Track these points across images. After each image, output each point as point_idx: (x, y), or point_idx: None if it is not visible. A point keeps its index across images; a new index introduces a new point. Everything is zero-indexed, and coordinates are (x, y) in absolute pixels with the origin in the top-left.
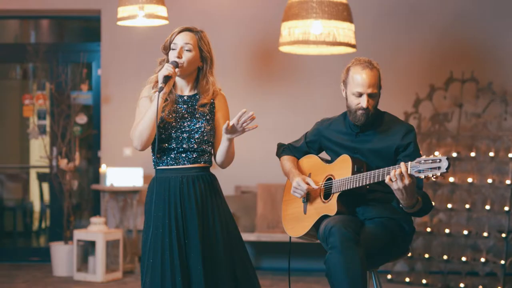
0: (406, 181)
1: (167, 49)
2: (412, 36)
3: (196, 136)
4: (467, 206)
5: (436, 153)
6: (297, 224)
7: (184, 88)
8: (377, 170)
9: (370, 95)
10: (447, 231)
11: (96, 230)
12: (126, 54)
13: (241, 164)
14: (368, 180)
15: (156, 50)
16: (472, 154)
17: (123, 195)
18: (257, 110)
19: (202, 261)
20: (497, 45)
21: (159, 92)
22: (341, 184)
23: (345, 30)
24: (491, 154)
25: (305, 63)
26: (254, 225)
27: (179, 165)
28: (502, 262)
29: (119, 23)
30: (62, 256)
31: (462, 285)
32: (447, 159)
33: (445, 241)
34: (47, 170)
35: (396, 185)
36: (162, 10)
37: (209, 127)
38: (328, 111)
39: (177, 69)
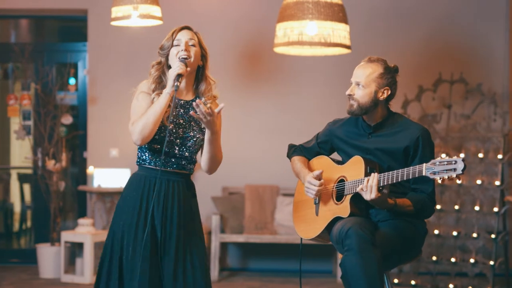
0: (373, 195)
1: (167, 48)
2: (401, 38)
3: (189, 144)
4: (456, 207)
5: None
6: (309, 226)
7: (182, 91)
8: (390, 172)
9: (357, 84)
10: (436, 232)
11: (84, 232)
12: (113, 54)
13: (228, 165)
14: (381, 182)
15: (144, 51)
16: (461, 155)
17: (110, 196)
18: (245, 111)
19: (174, 266)
20: (485, 47)
21: (176, 90)
22: (354, 185)
23: (340, 31)
24: (480, 155)
25: (293, 63)
26: (242, 227)
27: (167, 168)
28: (491, 263)
29: (113, 23)
30: (49, 257)
31: (451, 286)
32: (463, 160)
33: (434, 242)
34: (28, 171)
35: (365, 196)
36: (156, 10)
37: (202, 137)
38: (316, 112)
39: (188, 68)
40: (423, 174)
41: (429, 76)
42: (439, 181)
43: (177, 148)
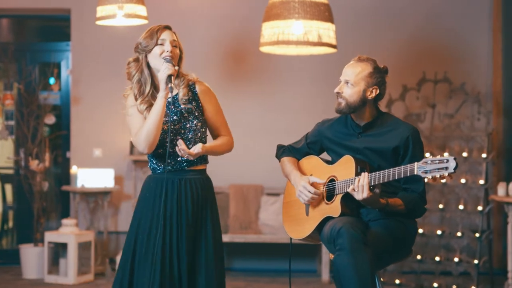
0: (365, 194)
1: (151, 46)
2: (384, 37)
3: (190, 136)
4: (441, 206)
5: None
6: (299, 226)
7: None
8: (381, 171)
9: (346, 82)
10: (420, 231)
11: (68, 232)
12: (96, 54)
13: (212, 164)
14: (373, 181)
15: (128, 50)
16: (445, 154)
17: (94, 196)
18: (230, 109)
19: (187, 268)
20: (469, 46)
21: (171, 91)
22: (345, 185)
23: (326, 31)
24: (465, 154)
25: (278, 62)
26: (227, 226)
27: (177, 168)
28: (476, 261)
29: (98, 22)
30: (32, 258)
31: (435, 284)
32: (455, 159)
33: (418, 241)
34: (10, 171)
35: (356, 196)
36: (141, 10)
37: (199, 124)
38: (301, 111)
39: (176, 67)
40: (415, 173)
41: (413, 75)
42: (425, 180)
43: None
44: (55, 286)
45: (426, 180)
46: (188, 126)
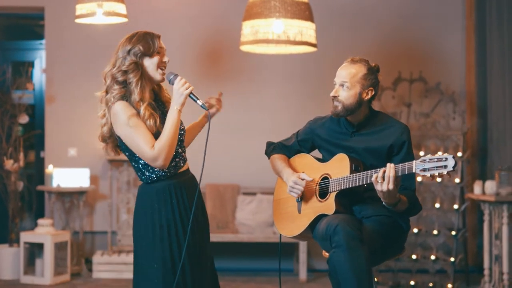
0: (391, 186)
1: (152, 52)
2: (359, 36)
3: (183, 138)
4: None
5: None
6: (291, 223)
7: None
8: (378, 169)
9: (341, 85)
10: None
11: (44, 232)
12: (71, 52)
13: (189, 163)
14: (369, 180)
15: (103, 48)
16: (421, 153)
17: (70, 196)
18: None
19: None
20: (444, 46)
21: (207, 109)
22: (339, 183)
23: (306, 29)
24: (440, 153)
25: (255, 61)
26: None
27: (178, 170)
28: (452, 259)
29: (77, 20)
30: (7, 259)
31: (412, 282)
32: (453, 157)
33: None
34: None
35: (380, 187)
36: (121, 8)
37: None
38: (279, 110)
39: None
40: (413, 171)
41: (389, 75)
42: (429, 177)
43: (179, 147)
44: (31, 286)
45: (420, 178)
46: (181, 127)
